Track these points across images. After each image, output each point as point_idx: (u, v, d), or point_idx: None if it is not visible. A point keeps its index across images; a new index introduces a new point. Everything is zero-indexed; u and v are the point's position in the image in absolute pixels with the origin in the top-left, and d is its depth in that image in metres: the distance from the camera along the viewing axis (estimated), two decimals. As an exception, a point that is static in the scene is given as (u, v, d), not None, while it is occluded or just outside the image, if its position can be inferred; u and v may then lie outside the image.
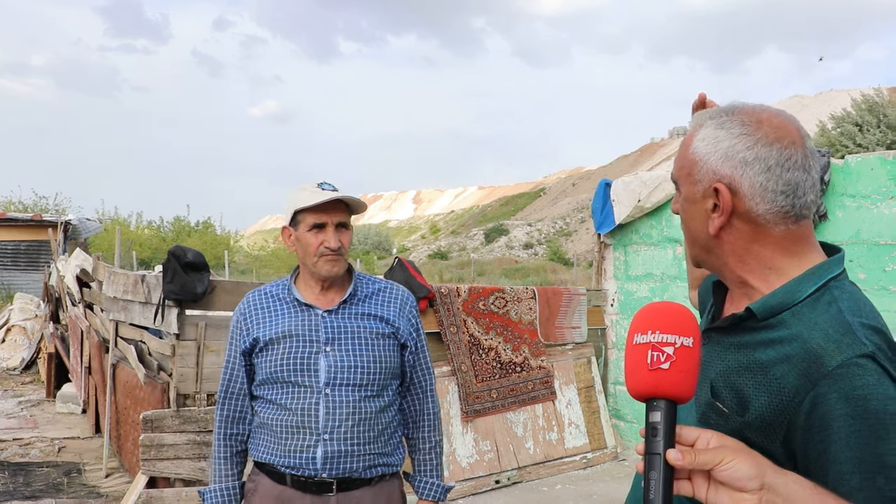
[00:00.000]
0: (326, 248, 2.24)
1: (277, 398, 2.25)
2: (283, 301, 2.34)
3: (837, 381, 1.08)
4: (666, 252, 6.61)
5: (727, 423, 1.19)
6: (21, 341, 11.77)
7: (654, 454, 1.01)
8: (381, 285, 2.42)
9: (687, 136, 1.31)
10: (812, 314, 1.18)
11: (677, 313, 1.09)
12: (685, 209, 1.31)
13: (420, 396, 2.46)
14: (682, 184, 1.31)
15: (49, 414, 8.39)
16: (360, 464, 2.25)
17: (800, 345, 1.14)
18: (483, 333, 6.07)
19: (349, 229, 2.32)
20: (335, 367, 2.24)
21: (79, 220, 18.61)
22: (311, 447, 2.22)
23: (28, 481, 5.85)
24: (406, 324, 2.38)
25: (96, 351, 6.76)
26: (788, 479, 1.02)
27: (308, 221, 2.26)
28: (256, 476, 2.33)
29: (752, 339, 1.22)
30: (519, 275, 36.60)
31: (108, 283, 5.92)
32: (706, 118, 1.27)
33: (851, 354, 1.10)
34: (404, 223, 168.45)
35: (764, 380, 1.16)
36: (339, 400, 2.23)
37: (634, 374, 1.07)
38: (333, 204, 2.25)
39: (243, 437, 2.38)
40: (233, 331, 2.38)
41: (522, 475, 5.91)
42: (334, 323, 2.29)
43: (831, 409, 1.08)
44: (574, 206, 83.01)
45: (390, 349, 2.33)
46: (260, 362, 2.29)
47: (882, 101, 25.74)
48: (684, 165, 1.29)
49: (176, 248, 4.81)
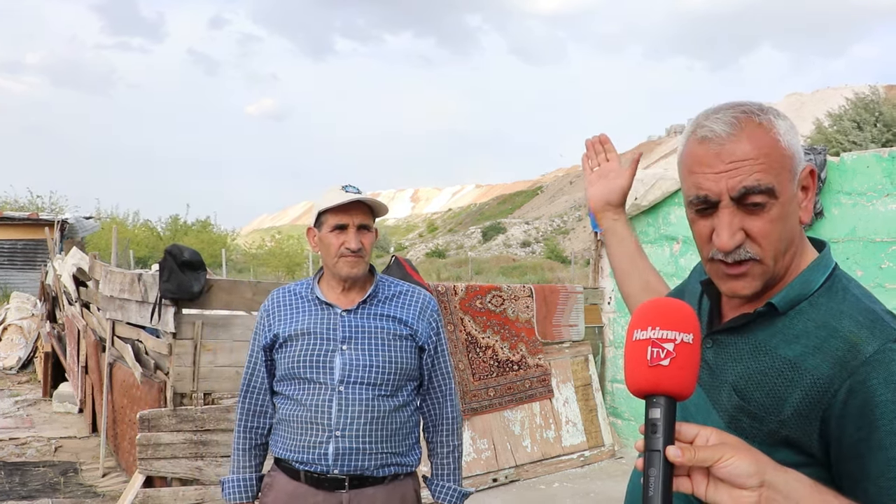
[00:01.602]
0: (347, 248, 2.28)
1: (294, 394, 2.30)
2: (306, 299, 2.38)
3: (877, 367, 1.08)
4: (663, 250, 6.61)
5: (762, 425, 1.17)
6: (17, 340, 11.75)
7: (653, 451, 1.00)
8: (402, 288, 2.45)
9: (758, 141, 1.17)
10: (830, 303, 1.18)
11: (678, 310, 1.08)
12: (783, 215, 1.19)
13: (439, 400, 2.47)
14: (781, 188, 1.17)
15: (45, 413, 8.38)
16: (372, 462, 2.27)
17: (829, 333, 1.14)
18: (480, 332, 6.07)
19: (371, 231, 2.35)
20: (350, 366, 2.27)
21: (75, 218, 18.59)
22: (324, 443, 2.25)
23: (24, 481, 5.84)
24: (426, 327, 2.40)
25: (93, 350, 6.75)
26: (789, 477, 1.02)
27: (330, 222, 2.30)
28: (274, 472, 2.37)
29: (771, 335, 1.20)
30: (516, 273, 36.62)
31: (105, 281, 5.91)
32: (764, 114, 1.19)
33: (885, 339, 1.10)
34: (402, 221, 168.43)
35: (795, 375, 1.15)
36: (353, 398, 2.26)
37: (634, 371, 1.06)
38: (355, 205, 2.29)
39: (264, 430, 2.43)
40: (257, 327, 2.44)
41: (520, 473, 5.91)
42: (352, 322, 2.32)
43: (875, 396, 1.08)
44: (571, 204, 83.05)
45: (407, 351, 2.35)
46: (279, 358, 2.34)
47: (878, 98, 25.79)
48: (783, 165, 1.17)
49: (172, 246, 4.80)
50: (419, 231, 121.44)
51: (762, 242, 1.18)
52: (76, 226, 18.36)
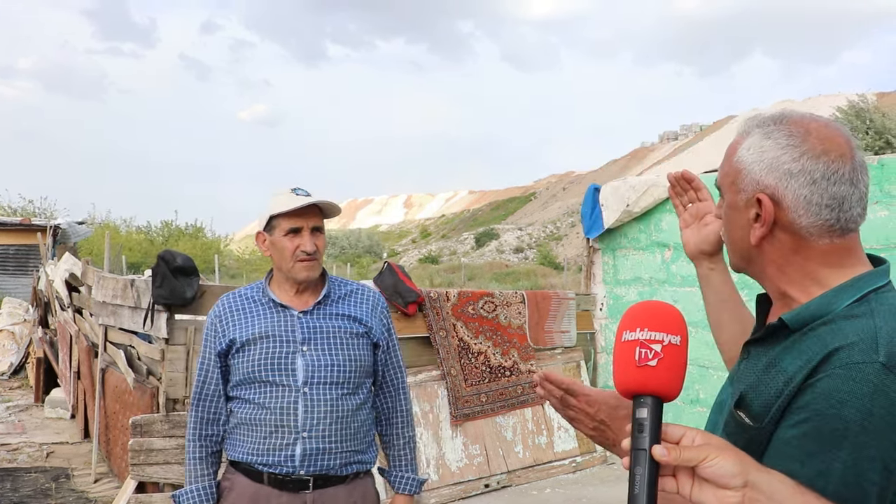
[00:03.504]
0: (303, 251, 2.30)
1: (256, 398, 2.29)
2: (259, 303, 2.39)
3: (833, 379, 1.09)
4: (654, 256, 6.64)
5: (746, 432, 1.18)
6: (9, 346, 11.71)
7: (639, 450, 1.02)
8: (353, 287, 2.50)
9: (732, 143, 1.31)
10: (847, 324, 1.15)
11: (666, 312, 1.10)
12: (728, 216, 1.31)
13: (393, 394, 2.54)
14: (725, 191, 1.31)
15: (37, 419, 8.36)
16: (336, 461, 2.30)
17: (820, 347, 1.14)
18: (472, 338, 6.08)
19: (323, 233, 2.39)
20: (312, 366, 2.30)
21: (68, 223, 18.55)
22: (290, 445, 2.26)
23: (16, 487, 5.82)
24: (378, 324, 2.46)
25: (85, 356, 6.74)
26: (773, 478, 1.03)
27: (283, 226, 2.32)
28: (231, 475, 2.36)
29: (783, 350, 1.21)
30: (509, 279, 36.63)
31: (97, 287, 5.90)
32: (753, 126, 1.27)
33: (862, 360, 1.09)
34: (395, 227, 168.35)
35: (784, 388, 1.15)
36: (318, 398, 2.28)
37: (622, 371, 1.08)
38: (308, 209, 2.32)
39: (218, 437, 2.41)
40: (207, 333, 2.43)
41: (512, 479, 5.92)
42: (310, 323, 2.35)
43: (812, 400, 1.10)
44: (564, 210, 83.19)
45: (364, 348, 2.40)
46: (237, 363, 2.33)
47: (868, 106, 25.96)
48: (729, 173, 1.29)
49: (165, 252, 4.80)
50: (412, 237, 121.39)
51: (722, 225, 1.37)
52: (69, 231, 18.31)
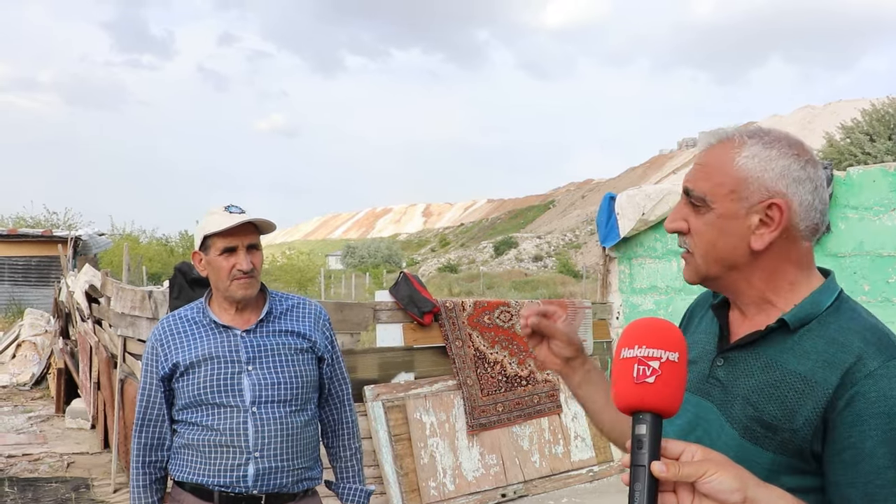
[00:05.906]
0: (239, 270, 2.25)
1: (203, 420, 2.26)
2: (200, 324, 2.34)
3: (878, 381, 1.14)
4: (670, 265, 6.61)
5: (776, 434, 1.21)
6: (31, 357, 11.84)
7: (639, 466, 1.03)
8: (294, 301, 2.46)
9: (718, 153, 1.31)
10: (839, 321, 1.24)
11: (664, 329, 1.11)
12: (717, 225, 1.30)
13: (339, 406, 2.52)
14: (717, 200, 1.29)
15: (58, 429, 8.43)
16: (289, 479, 2.30)
17: (839, 348, 1.20)
18: (488, 347, 6.08)
19: (260, 250, 2.34)
20: (259, 386, 2.27)
21: (89, 235, 18.72)
22: (242, 465, 2.24)
23: (37, 497, 5.88)
24: (321, 337, 2.43)
25: (105, 366, 6.80)
26: (772, 494, 1.04)
27: (218, 245, 2.26)
28: (179, 495, 2.33)
29: (780, 352, 1.25)
30: (528, 287, 36.55)
31: (116, 298, 5.96)
32: (744, 136, 1.29)
33: (889, 356, 1.17)
34: (414, 237, 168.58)
35: (806, 388, 1.19)
36: (267, 417, 2.26)
37: (621, 388, 1.09)
38: (243, 227, 2.26)
39: (162, 463, 2.38)
40: (148, 357, 2.37)
41: (528, 489, 5.91)
42: (254, 342, 2.31)
43: (870, 407, 1.14)
44: (583, 218, 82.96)
45: (309, 363, 2.38)
46: (181, 386, 2.30)
47: (892, 110, 25.65)
48: (724, 182, 1.28)
49: (182, 263, 4.84)
50: (431, 246, 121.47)
51: (693, 238, 1.33)
52: (89, 242, 18.48)
